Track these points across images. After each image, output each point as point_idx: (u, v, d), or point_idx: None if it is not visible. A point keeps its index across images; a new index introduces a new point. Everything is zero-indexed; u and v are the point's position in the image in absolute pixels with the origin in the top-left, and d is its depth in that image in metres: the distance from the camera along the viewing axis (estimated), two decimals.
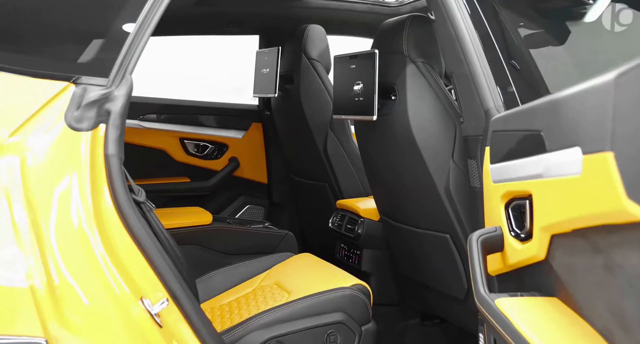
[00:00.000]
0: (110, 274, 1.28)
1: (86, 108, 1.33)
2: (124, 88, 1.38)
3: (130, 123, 3.01)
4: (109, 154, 1.35)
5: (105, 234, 1.31)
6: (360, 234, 2.52)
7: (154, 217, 1.62)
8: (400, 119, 1.95)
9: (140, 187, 1.61)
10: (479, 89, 1.62)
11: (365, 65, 1.99)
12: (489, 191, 1.44)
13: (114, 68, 1.38)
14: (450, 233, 1.95)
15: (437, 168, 1.90)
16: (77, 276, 1.25)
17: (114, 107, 1.36)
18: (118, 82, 1.37)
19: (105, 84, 1.36)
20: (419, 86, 1.92)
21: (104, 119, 1.35)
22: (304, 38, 2.76)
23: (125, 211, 1.36)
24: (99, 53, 1.43)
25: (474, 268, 1.32)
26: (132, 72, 1.42)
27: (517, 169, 1.23)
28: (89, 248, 1.27)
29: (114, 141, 1.36)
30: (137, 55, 1.42)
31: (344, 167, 2.81)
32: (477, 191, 1.70)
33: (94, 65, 1.40)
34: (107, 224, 1.32)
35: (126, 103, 1.39)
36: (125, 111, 1.39)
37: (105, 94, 1.35)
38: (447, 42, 1.73)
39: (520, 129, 1.27)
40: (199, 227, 2.35)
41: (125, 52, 1.39)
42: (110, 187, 1.35)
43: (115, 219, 1.34)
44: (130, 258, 1.35)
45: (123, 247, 1.34)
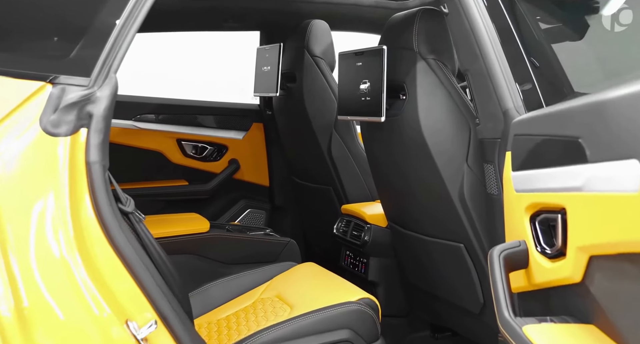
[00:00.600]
0: (90, 294, 1.16)
1: (64, 111, 1.21)
2: (108, 88, 1.26)
3: (124, 124, 2.91)
4: (91, 161, 1.22)
5: (85, 250, 1.18)
6: (366, 242, 2.39)
7: (144, 228, 1.49)
8: (410, 120, 1.82)
9: (128, 196, 1.48)
10: (497, 88, 1.50)
11: (372, 62, 1.87)
12: (511, 200, 1.30)
13: (97, 66, 1.25)
14: (464, 243, 1.83)
15: (450, 173, 1.78)
16: (52, 297, 1.13)
17: (97, 110, 1.23)
18: (101, 81, 1.25)
19: (86, 84, 1.24)
20: (430, 84, 1.80)
21: (85, 122, 1.23)
22: (307, 34, 2.65)
23: (109, 223, 1.24)
24: (80, 50, 1.30)
25: (496, 287, 1.18)
26: (117, 71, 1.29)
27: (547, 179, 1.09)
28: (65, 266, 1.15)
29: (96, 146, 1.23)
30: (122, 52, 1.29)
31: (349, 170, 2.71)
32: (495, 198, 1.58)
33: (73, 63, 1.28)
34: (88, 239, 1.20)
35: (110, 105, 1.26)
36: (109, 114, 1.26)
37: (86, 95, 1.23)
38: (461, 36, 1.61)
39: (551, 134, 1.13)
40: (195, 235, 2.22)
41: (110, 49, 1.27)
42: (93, 198, 1.23)
43: (98, 233, 1.22)
44: (114, 276, 1.23)
45: (106, 264, 1.22)
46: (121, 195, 1.44)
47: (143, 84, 3.56)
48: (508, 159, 1.33)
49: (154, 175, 3.02)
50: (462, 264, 1.85)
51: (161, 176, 3.04)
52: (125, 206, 1.43)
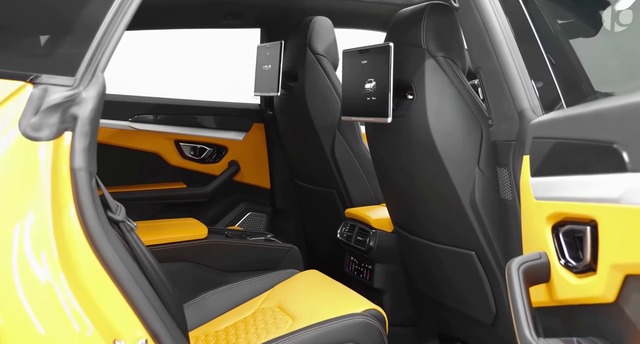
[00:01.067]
0: (72, 311, 1.06)
1: (46, 113, 1.12)
2: (95, 89, 1.17)
3: (120, 124, 2.83)
4: (76, 167, 1.13)
5: (70, 267, 1.09)
6: (371, 247, 2.30)
7: (135, 237, 1.41)
8: (418, 121, 1.73)
9: (119, 204, 1.40)
10: (511, 87, 1.42)
11: (378, 60, 1.78)
12: (530, 208, 1.21)
13: (82, 65, 1.17)
14: (475, 250, 1.74)
15: (461, 176, 1.69)
16: (30, 315, 1.04)
17: (82, 112, 1.15)
18: (87, 81, 1.16)
19: (70, 84, 1.15)
20: (440, 83, 1.70)
21: (70, 125, 1.14)
22: (309, 31, 2.58)
23: (96, 235, 1.15)
24: (64, 47, 1.22)
25: (515, 304, 1.09)
26: (104, 70, 1.20)
27: (574, 188, 1.00)
28: (47, 285, 1.05)
29: (82, 151, 1.14)
30: (110, 50, 1.20)
31: (353, 172, 2.62)
32: (509, 204, 1.49)
33: (57, 61, 1.20)
34: (73, 253, 1.11)
35: (97, 106, 1.17)
36: (96, 116, 1.17)
37: (70, 96, 1.14)
38: (473, 32, 1.53)
39: (578, 138, 1.03)
40: (192, 242, 2.13)
41: (97, 46, 1.18)
42: (78, 207, 1.14)
43: (84, 247, 1.13)
44: (101, 293, 1.14)
45: (92, 280, 1.13)
46: (111, 202, 1.35)
47: (139, 83, 3.50)
48: (526, 164, 1.24)
49: (151, 177, 2.94)
50: (473, 272, 1.76)
51: (158, 178, 2.96)
52: (115, 214, 1.35)
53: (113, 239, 1.22)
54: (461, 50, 1.75)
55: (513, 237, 1.48)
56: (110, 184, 2.76)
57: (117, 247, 1.21)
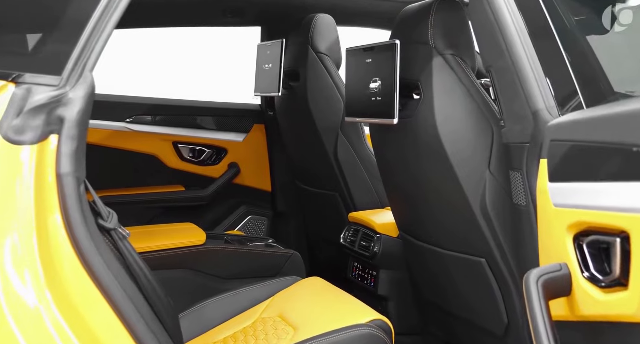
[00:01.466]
0: (57, 329, 0.98)
1: (30, 114, 1.05)
2: (83, 88, 1.09)
3: (116, 126, 2.77)
4: (62, 173, 1.06)
5: (56, 280, 1.02)
6: (376, 253, 2.22)
7: (128, 246, 1.33)
8: (425, 122, 1.66)
9: (111, 210, 1.32)
10: (525, 86, 1.34)
11: (383, 58, 1.70)
12: (548, 215, 1.13)
13: (69, 63, 1.09)
14: (485, 257, 1.66)
15: (470, 180, 1.62)
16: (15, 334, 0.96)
17: (69, 113, 1.07)
18: (74, 81, 1.09)
19: (56, 83, 1.08)
20: (448, 82, 1.63)
21: (56, 128, 1.07)
22: (311, 29, 2.51)
23: (84, 246, 1.07)
24: (50, 44, 1.14)
25: (534, 319, 1.01)
26: (93, 69, 1.12)
27: (600, 195, 0.92)
28: (29, 296, 0.97)
29: (68, 156, 1.07)
30: (100, 47, 1.13)
31: (356, 175, 2.55)
32: (522, 209, 1.41)
33: (42, 59, 1.13)
34: (58, 263, 1.04)
35: (85, 108, 1.09)
36: (84, 118, 1.10)
37: (56, 97, 1.07)
38: (484, 29, 1.45)
39: (606, 142, 0.95)
40: (190, 248, 2.05)
41: (85, 43, 1.11)
42: (64, 216, 1.06)
43: (71, 259, 1.06)
44: (90, 307, 1.07)
45: (80, 294, 1.06)
46: (102, 208, 1.28)
47: (136, 83, 3.46)
48: (543, 168, 1.16)
49: (148, 180, 2.88)
50: (483, 280, 1.69)
51: (156, 181, 2.89)
52: (106, 222, 1.28)
53: (103, 248, 1.14)
54: (470, 48, 1.68)
55: (527, 245, 1.41)
56: (106, 187, 2.77)
57: (107, 258, 1.13)
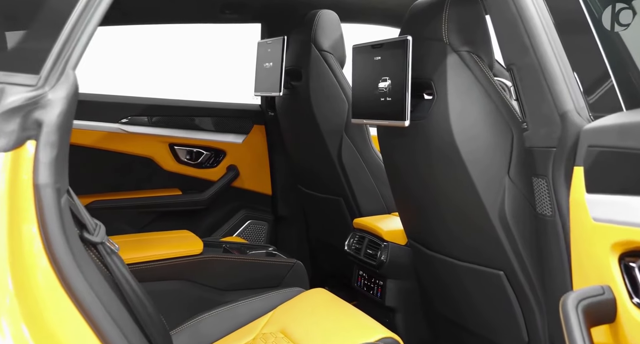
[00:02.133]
0: None
1: (3, 118, 0.94)
2: (64, 89, 0.98)
3: (110, 127, 2.67)
4: (40, 184, 0.94)
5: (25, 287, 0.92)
6: (383, 262, 2.11)
7: (117, 261, 1.22)
8: (439, 124, 1.55)
9: (98, 222, 1.21)
10: (552, 86, 1.24)
11: (394, 56, 1.59)
12: (585, 231, 1.02)
13: (49, 60, 0.98)
14: (504, 270, 1.55)
15: (488, 187, 1.51)
16: None
17: (48, 117, 0.96)
18: (54, 80, 0.98)
19: (34, 83, 0.96)
20: (464, 81, 1.52)
21: (33, 133, 0.96)
22: (314, 26, 2.42)
23: (64, 263, 0.96)
24: (27, 39, 1.03)
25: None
26: (76, 67, 1.01)
27: None
28: None
29: (47, 164, 0.95)
30: (83, 43, 1.01)
31: (361, 179, 2.45)
32: (548, 220, 1.31)
33: (17, 56, 1.02)
34: (32, 274, 0.93)
35: (67, 110, 0.98)
36: (65, 122, 0.98)
37: (33, 98, 0.95)
38: (506, 23, 1.35)
39: None
40: (186, 258, 1.94)
41: (67, 38, 1.00)
42: (42, 231, 0.94)
43: (46, 270, 0.95)
44: (69, 332, 0.95)
45: (61, 321, 0.94)
46: (88, 221, 1.16)
47: (131, 82, 3.39)
48: (579, 177, 1.05)
49: (143, 184, 2.80)
50: (501, 294, 1.58)
51: (152, 184, 2.81)
52: (92, 235, 1.17)
53: (86, 264, 1.04)
54: (488, 44, 1.57)
55: (553, 259, 1.30)
56: (99, 191, 2.66)
57: (92, 276, 1.02)
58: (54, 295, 0.93)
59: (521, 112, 1.37)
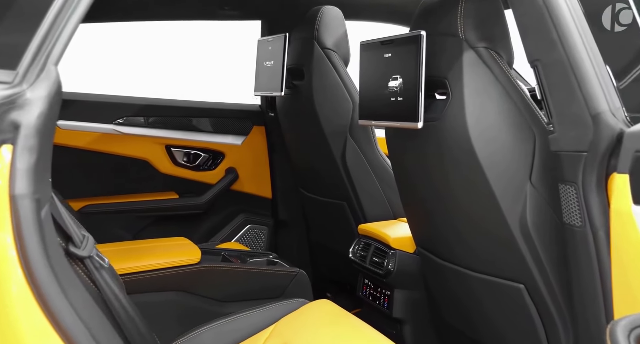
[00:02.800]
0: None
1: None
2: (44, 87, 0.87)
3: (104, 128, 2.60)
4: (17, 194, 0.84)
5: (5, 325, 0.80)
6: (390, 271, 2.01)
7: (106, 277, 1.12)
8: (454, 126, 1.45)
9: (86, 234, 1.11)
10: (584, 83, 1.15)
11: (406, 52, 1.49)
12: (633, 247, 0.91)
13: (27, 55, 0.88)
14: (524, 283, 1.45)
15: (508, 194, 1.41)
16: None
17: (26, 118, 0.86)
18: (33, 77, 0.88)
19: (10, 80, 0.87)
20: (482, 79, 1.42)
21: (9, 136, 0.86)
22: (317, 22, 2.33)
23: (45, 285, 0.87)
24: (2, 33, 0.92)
25: None
26: (58, 62, 0.90)
27: None
28: None
29: (25, 172, 0.85)
30: (66, 36, 0.91)
31: (366, 183, 2.36)
32: (577, 231, 1.21)
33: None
34: (4, 283, 0.82)
35: (48, 111, 0.87)
36: (46, 123, 0.88)
37: (9, 97, 0.86)
38: (531, 15, 1.25)
39: None
40: (183, 268, 1.84)
41: (47, 30, 0.89)
42: (19, 246, 0.84)
43: (20, 282, 0.85)
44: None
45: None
46: (74, 233, 1.06)
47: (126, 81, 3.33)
48: (622, 185, 0.96)
49: (138, 187, 2.72)
50: (520, 309, 1.48)
51: (147, 188, 2.74)
52: (79, 249, 1.06)
53: (71, 282, 0.94)
54: (506, 40, 1.47)
55: (582, 273, 1.20)
56: (93, 195, 2.57)
57: (75, 294, 0.93)
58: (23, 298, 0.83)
59: (546, 113, 1.27)
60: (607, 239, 1.14)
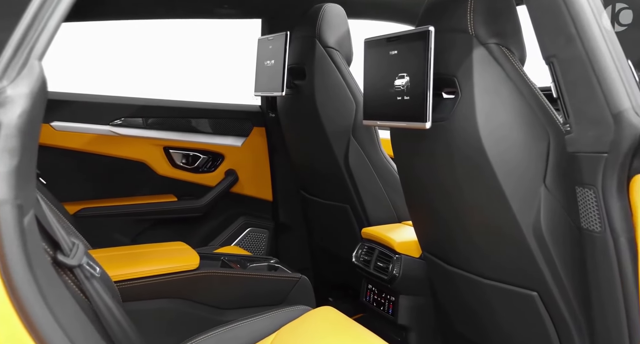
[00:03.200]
0: None
1: None
2: (27, 83, 0.82)
3: (100, 129, 2.55)
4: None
5: None
6: (395, 276, 1.95)
7: (97, 287, 1.06)
8: (464, 126, 1.39)
9: (76, 241, 1.05)
10: (604, 80, 1.09)
11: (413, 49, 1.43)
12: None
13: (7, 49, 0.82)
14: (538, 290, 1.39)
15: (520, 197, 1.35)
16: None
17: (8, 117, 0.80)
18: (14, 73, 0.82)
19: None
20: (493, 77, 1.36)
21: None
22: (319, 20, 2.28)
23: (26, 298, 0.81)
24: None
25: None
26: (42, 57, 0.84)
27: None
28: None
29: (6, 176, 0.80)
30: (52, 28, 0.85)
31: (370, 185, 2.31)
32: (596, 236, 1.16)
33: None
34: None
35: (31, 109, 0.82)
36: (29, 123, 0.82)
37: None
38: (546, 9, 1.20)
39: None
40: (180, 274, 1.78)
41: (30, 22, 0.83)
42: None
43: (5, 309, 0.79)
44: None
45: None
46: (63, 240, 1.00)
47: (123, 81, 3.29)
48: None
49: (136, 190, 2.68)
50: (534, 317, 1.42)
51: (145, 190, 2.69)
52: (68, 258, 1.00)
53: (57, 294, 0.88)
54: (519, 36, 1.41)
55: (601, 282, 1.14)
56: (89, 198, 2.52)
57: (61, 306, 0.87)
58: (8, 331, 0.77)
59: (563, 111, 1.21)
60: (629, 246, 1.08)
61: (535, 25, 1.25)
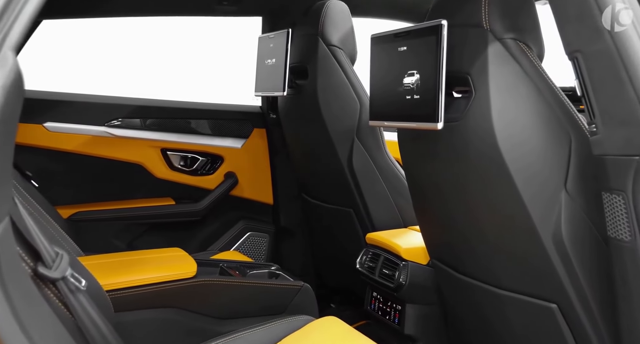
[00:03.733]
0: None
1: None
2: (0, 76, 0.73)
3: (95, 130, 2.51)
4: None
5: None
6: (402, 284, 1.89)
7: (82, 301, 0.97)
8: (479, 126, 1.32)
9: (60, 251, 0.96)
10: (636, 77, 1.03)
11: (423, 45, 1.36)
12: None
13: None
14: (558, 302, 1.32)
15: (539, 202, 1.28)
16: None
17: None
18: None
19: None
20: (509, 75, 1.29)
21: None
22: (322, 18, 2.23)
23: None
24: None
25: None
26: (18, 48, 0.76)
27: None
28: None
29: None
30: (28, 13, 0.76)
31: (375, 189, 2.25)
32: (625, 246, 1.10)
33: None
34: None
35: (3, 105, 0.73)
36: (3, 120, 0.73)
37: None
38: (572, 1, 1.11)
39: None
40: (177, 282, 1.71)
41: (4, 7, 0.75)
42: None
43: None
44: None
45: None
46: (44, 250, 0.92)
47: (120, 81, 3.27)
48: None
49: (133, 193, 2.64)
50: (553, 330, 1.35)
51: (142, 193, 2.66)
52: (50, 269, 0.92)
53: (33, 311, 0.80)
54: (537, 31, 1.34)
55: (632, 294, 1.06)
56: (83, 201, 2.45)
57: (37, 324, 0.79)
58: None
59: (588, 111, 1.13)
60: None
61: (558, 18, 1.17)
